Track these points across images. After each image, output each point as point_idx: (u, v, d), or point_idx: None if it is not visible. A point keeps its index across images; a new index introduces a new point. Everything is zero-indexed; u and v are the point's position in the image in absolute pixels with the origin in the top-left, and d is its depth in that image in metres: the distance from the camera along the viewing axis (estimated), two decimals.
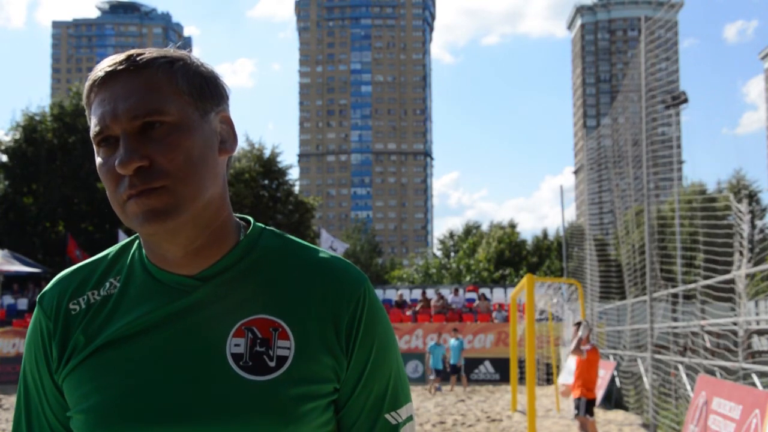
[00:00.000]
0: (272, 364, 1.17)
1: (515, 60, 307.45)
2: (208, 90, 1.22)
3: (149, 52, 1.20)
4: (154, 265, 1.24)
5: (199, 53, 1.28)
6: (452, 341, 20.80)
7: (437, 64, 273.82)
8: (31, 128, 34.36)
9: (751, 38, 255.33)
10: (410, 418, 1.29)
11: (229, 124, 1.26)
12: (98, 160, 1.19)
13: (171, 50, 1.23)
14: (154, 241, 1.21)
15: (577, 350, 10.31)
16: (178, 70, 1.20)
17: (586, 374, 10.36)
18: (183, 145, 1.16)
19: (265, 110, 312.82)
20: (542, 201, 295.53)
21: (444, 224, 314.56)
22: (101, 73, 1.18)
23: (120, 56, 1.19)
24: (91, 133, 1.18)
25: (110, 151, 1.17)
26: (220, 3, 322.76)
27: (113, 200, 1.18)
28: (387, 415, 1.26)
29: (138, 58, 1.18)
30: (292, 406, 1.16)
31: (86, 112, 1.22)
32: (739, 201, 9.33)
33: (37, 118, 34.90)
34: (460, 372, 20.61)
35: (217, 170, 1.22)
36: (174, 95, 1.17)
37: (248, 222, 1.31)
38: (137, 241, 1.30)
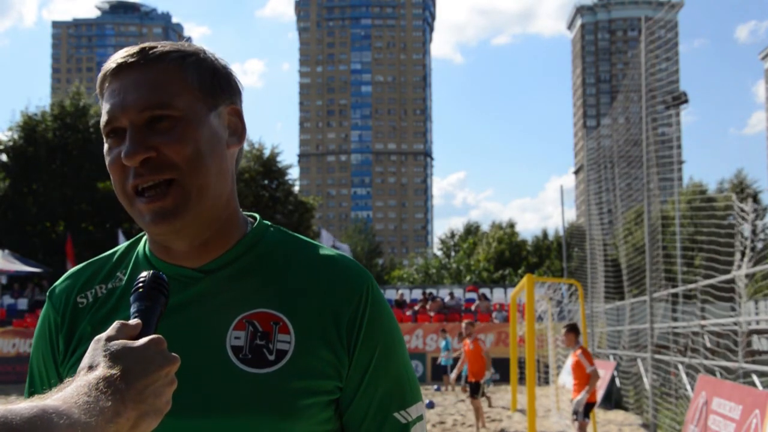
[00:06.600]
0: (272, 357, 1.18)
1: (526, 60, 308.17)
2: (219, 85, 1.24)
3: (162, 46, 1.21)
4: (157, 258, 1.26)
5: None
6: (442, 342, 21.27)
7: (448, 64, 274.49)
8: (30, 128, 34.32)
9: (763, 39, 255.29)
10: (420, 418, 1.28)
11: (238, 116, 1.27)
12: (105, 150, 1.21)
13: (185, 44, 1.24)
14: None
15: (594, 376, 9.84)
16: (190, 65, 1.21)
17: (580, 370, 10.25)
18: (190, 137, 1.17)
19: (274, 110, 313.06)
20: (547, 201, 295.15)
21: (448, 224, 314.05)
22: (113, 65, 1.19)
23: (134, 48, 1.20)
24: (101, 124, 1.20)
25: (117, 143, 1.18)
26: (227, 3, 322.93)
27: (120, 192, 1.19)
28: (396, 414, 1.25)
29: (150, 52, 1.19)
30: (291, 399, 1.16)
31: (100, 103, 1.24)
32: (741, 201, 9.33)
33: (36, 117, 34.86)
34: (448, 372, 20.73)
35: (225, 164, 1.23)
36: (183, 90, 1.19)
37: (255, 219, 1.33)
38: (145, 236, 1.32)
